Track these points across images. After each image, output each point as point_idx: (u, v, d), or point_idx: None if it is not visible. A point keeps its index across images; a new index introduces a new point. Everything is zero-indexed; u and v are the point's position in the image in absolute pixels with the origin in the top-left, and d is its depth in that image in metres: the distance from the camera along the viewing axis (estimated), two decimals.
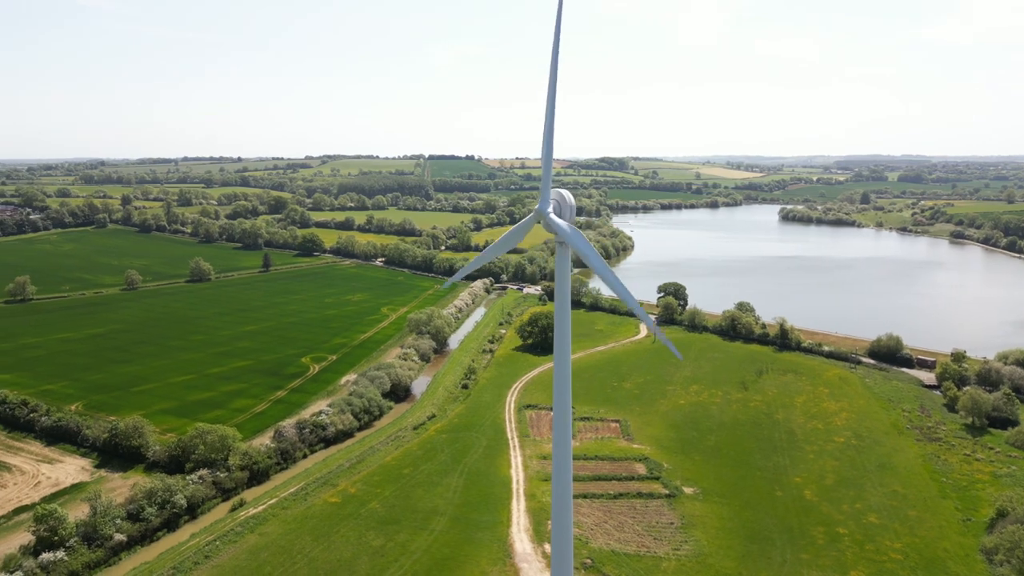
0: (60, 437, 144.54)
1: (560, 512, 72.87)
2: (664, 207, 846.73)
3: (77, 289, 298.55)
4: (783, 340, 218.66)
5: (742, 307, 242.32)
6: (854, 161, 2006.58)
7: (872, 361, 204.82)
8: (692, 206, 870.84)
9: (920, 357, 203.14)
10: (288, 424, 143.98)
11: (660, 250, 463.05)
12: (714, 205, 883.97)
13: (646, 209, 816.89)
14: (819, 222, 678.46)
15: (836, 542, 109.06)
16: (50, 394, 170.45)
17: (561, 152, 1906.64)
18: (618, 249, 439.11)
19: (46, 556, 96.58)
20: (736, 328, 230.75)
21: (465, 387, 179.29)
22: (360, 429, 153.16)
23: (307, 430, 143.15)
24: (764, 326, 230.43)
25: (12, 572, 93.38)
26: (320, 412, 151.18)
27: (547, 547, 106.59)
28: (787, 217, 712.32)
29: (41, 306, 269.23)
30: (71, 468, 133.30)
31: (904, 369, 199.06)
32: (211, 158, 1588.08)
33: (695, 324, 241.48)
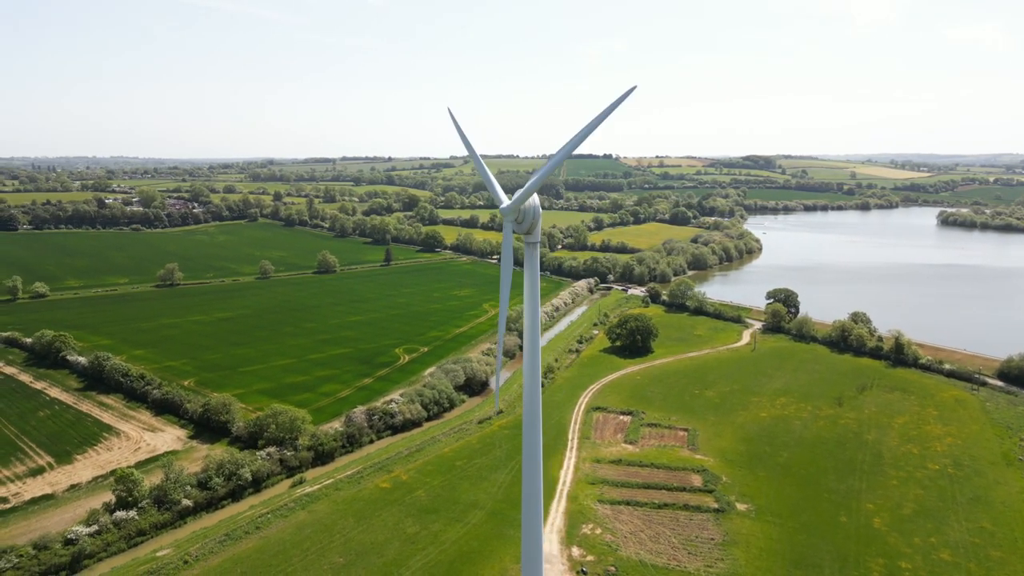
0: (166, 408, 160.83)
1: (530, 516, 72.66)
2: (808, 208, 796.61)
3: (219, 276, 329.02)
4: (897, 355, 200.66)
5: (856, 317, 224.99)
6: None
7: (1000, 383, 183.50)
8: (840, 208, 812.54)
9: None
10: (359, 410, 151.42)
11: (790, 254, 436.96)
12: (865, 207, 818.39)
13: (787, 210, 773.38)
14: (984, 227, 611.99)
15: None
16: (171, 369, 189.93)
17: (704, 150, 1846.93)
18: (742, 252, 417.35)
19: (119, 514, 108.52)
20: (847, 340, 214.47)
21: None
22: (428, 419, 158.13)
23: (376, 417, 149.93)
24: (880, 339, 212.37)
25: (90, 525, 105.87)
26: (391, 400, 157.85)
27: (574, 550, 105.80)
28: (947, 221, 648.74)
29: (185, 290, 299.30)
30: (169, 437, 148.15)
31: None
32: (365, 158, 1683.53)
33: (803, 333, 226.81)
